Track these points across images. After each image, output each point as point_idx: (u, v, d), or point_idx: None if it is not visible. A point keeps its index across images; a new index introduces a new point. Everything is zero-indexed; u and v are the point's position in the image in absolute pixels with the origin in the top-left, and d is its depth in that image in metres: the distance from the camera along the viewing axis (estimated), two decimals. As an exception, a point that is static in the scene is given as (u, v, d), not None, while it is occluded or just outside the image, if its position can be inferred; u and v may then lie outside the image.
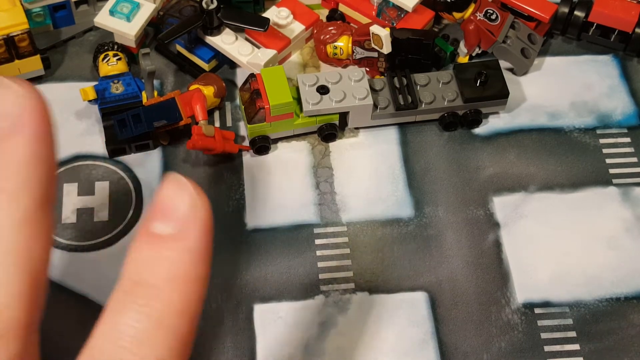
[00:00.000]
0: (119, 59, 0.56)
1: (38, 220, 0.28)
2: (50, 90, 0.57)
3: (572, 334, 0.47)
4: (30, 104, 0.29)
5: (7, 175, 0.28)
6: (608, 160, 0.55)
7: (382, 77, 0.57)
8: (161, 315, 0.28)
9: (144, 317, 0.28)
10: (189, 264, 0.28)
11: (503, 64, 0.58)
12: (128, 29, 0.57)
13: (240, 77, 0.59)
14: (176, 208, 0.29)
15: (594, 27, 0.60)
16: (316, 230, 0.51)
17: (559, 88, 0.59)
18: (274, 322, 0.47)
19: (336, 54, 0.59)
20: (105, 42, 0.57)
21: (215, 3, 0.56)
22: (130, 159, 0.54)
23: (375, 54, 0.57)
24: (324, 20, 0.62)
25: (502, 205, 0.53)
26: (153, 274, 0.28)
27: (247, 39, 0.58)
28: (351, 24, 0.60)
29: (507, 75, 0.58)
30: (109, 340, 0.28)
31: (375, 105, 0.54)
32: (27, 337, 0.28)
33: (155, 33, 0.60)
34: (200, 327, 0.47)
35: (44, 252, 0.28)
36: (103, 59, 0.56)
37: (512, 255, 0.50)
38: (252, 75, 0.54)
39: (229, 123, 0.56)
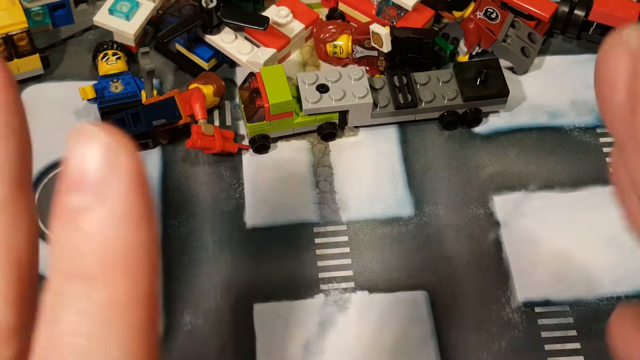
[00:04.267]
0: (118, 58, 0.56)
1: (17, 203, 0.23)
2: (50, 89, 0.57)
3: (573, 332, 0.47)
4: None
5: None
6: (608, 160, 0.55)
7: (382, 75, 0.57)
8: (107, 311, 0.21)
9: (87, 321, 0.21)
10: (121, 238, 0.21)
11: (503, 62, 0.58)
12: (127, 28, 0.57)
13: (239, 76, 0.58)
14: (87, 169, 0.21)
15: (594, 26, 0.60)
16: (316, 229, 0.51)
17: (559, 87, 0.59)
18: (274, 321, 0.47)
19: (336, 53, 0.58)
20: (105, 41, 0.57)
21: (215, 2, 0.56)
22: (130, 158, 0.54)
23: (375, 53, 0.57)
24: (324, 19, 0.62)
25: (502, 204, 0.53)
26: (82, 262, 0.21)
27: (246, 38, 0.58)
28: (351, 23, 0.60)
29: (507, 74, 0.58)
30: None
31: (375, 104, 0.54)
32: (20, 342, 0.22)
33: (155, 32, 0.60)
34: (200, 326, 0.47)
35: (29, 243, 0.23)
36: (102, 58, 0.56)
37: (512, 254, 0.50)
38: (251, 74, 0.54)
39: (228, 122, 0.56)
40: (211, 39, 0.57)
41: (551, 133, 0.56)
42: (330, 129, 0.54)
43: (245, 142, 0.55)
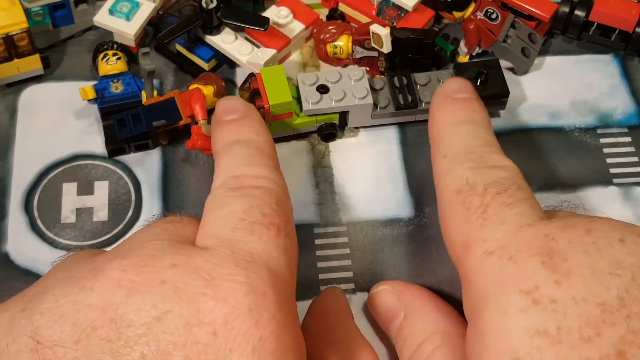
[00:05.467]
0: (119, 58, 0.56)
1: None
2: (50, 89, 0.57)
3: (573, 334, 0.47)
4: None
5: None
6: (609, 160, 0.55)
7: (382, 76, 0.57)
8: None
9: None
10: (255, 132, 0.45)
11: (503, 63, 0.58)
12: (127, 28, 0.57)
13: (239, 77, 0.58)
14: (236, 107, 0.47)
15: (594, 27, 0.60)
16: (316, 230, 0.51)
17: (559, 87, 0.59)
18: (274, 322, 0.47)
19: (336, 53, 0.58)
20: (105, 42, 0.57)
21: (215, 2, 0.56)
22: (130, 158, 0.54)
23: (376, 54, 0.57)
24: (324, 19, 0.62)
25: (502, 205, 0.52)
26: (240, 135, 0.45)
27: (246, 39, 0.58)
28: (351, 23, 0.60)
29: (508, 75, 0.58)
30: None
31: (375, 105, 0.54)
32: None
33: (155, 32, 0.60)
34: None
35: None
36: (102, 58, 0.56)
37: (512, 255, 0.50)
38: (251, 75, 0.54)
39: (228, 122, 0.56)
40: (211, 39, 0.57)
41: (551, 134, 0.56)
42: (331, 129, 0.54)
43: (246, 142, 0.55)
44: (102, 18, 0.57)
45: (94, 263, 0.34)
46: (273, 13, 0.58)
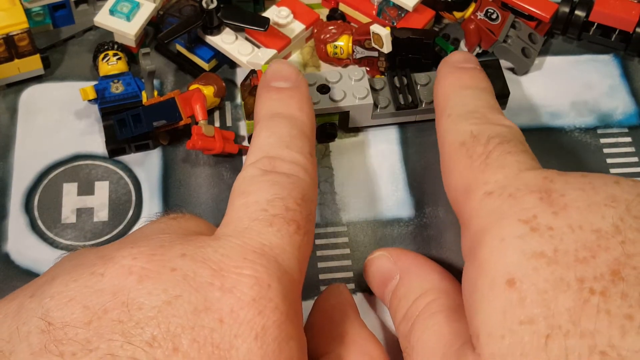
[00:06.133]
0: (119, 59, 0.56)
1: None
2: (50, 89, 0.57)
3: (573, 334, 0.47)
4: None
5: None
6: (609, 160, 0.55)
7: (383, 76, 0.57)
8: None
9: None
10: (300, 107, 0.45)
11: (504, 63, 0.58)
12: (128, 29, 0.57)
13: (240, 77, 0.59)
14: (289, 74, 0.47)
15: (594, 27, 0.60)
16: (316, 230, 0.51)
17: (559, 88, 0.59)
18: (274, 323, 0.47)
19: (336, 54, 0.58)
20: (105, 42, 0.57)
21: (215, 2, 0.56)
22: (130, 158, 0.54)
23: (376, 54, 0.57)
24: (324, 19, 0.62)
25: (502, 205, 0.52)
26: (285, 108, 0.45)
27: (247, 39, 0.58)
28: (351, 24, 0.60)
29: (508, 75, 0.58)
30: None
31: (376, 105, 0.54)
32: None
33: (155, 32, 0.60)
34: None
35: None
36: (103, 59, 0.56)
37: (512, 256, 0.50)
38: (253, 71, 0.54)
39: (229, 123, 0.56)
40: (212, 39, 0.57)
41: (552, 134, 0.56)
42: (331, 129, 0.54)
43: (246, 143, 0.55)
44: (103, 18, 0.57)
45: (102, 252, 0.35)
46: (273, 13, 0.58)
